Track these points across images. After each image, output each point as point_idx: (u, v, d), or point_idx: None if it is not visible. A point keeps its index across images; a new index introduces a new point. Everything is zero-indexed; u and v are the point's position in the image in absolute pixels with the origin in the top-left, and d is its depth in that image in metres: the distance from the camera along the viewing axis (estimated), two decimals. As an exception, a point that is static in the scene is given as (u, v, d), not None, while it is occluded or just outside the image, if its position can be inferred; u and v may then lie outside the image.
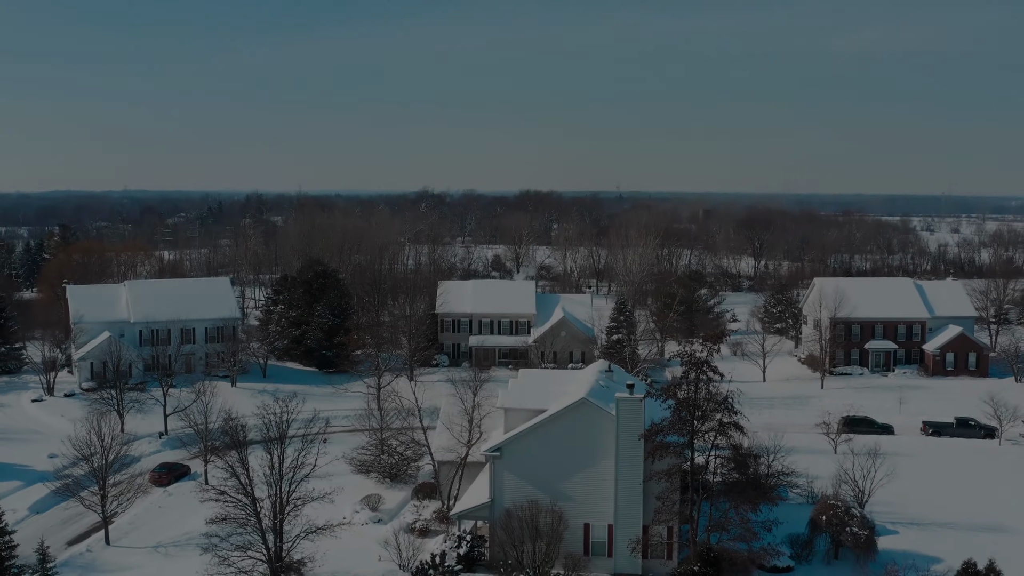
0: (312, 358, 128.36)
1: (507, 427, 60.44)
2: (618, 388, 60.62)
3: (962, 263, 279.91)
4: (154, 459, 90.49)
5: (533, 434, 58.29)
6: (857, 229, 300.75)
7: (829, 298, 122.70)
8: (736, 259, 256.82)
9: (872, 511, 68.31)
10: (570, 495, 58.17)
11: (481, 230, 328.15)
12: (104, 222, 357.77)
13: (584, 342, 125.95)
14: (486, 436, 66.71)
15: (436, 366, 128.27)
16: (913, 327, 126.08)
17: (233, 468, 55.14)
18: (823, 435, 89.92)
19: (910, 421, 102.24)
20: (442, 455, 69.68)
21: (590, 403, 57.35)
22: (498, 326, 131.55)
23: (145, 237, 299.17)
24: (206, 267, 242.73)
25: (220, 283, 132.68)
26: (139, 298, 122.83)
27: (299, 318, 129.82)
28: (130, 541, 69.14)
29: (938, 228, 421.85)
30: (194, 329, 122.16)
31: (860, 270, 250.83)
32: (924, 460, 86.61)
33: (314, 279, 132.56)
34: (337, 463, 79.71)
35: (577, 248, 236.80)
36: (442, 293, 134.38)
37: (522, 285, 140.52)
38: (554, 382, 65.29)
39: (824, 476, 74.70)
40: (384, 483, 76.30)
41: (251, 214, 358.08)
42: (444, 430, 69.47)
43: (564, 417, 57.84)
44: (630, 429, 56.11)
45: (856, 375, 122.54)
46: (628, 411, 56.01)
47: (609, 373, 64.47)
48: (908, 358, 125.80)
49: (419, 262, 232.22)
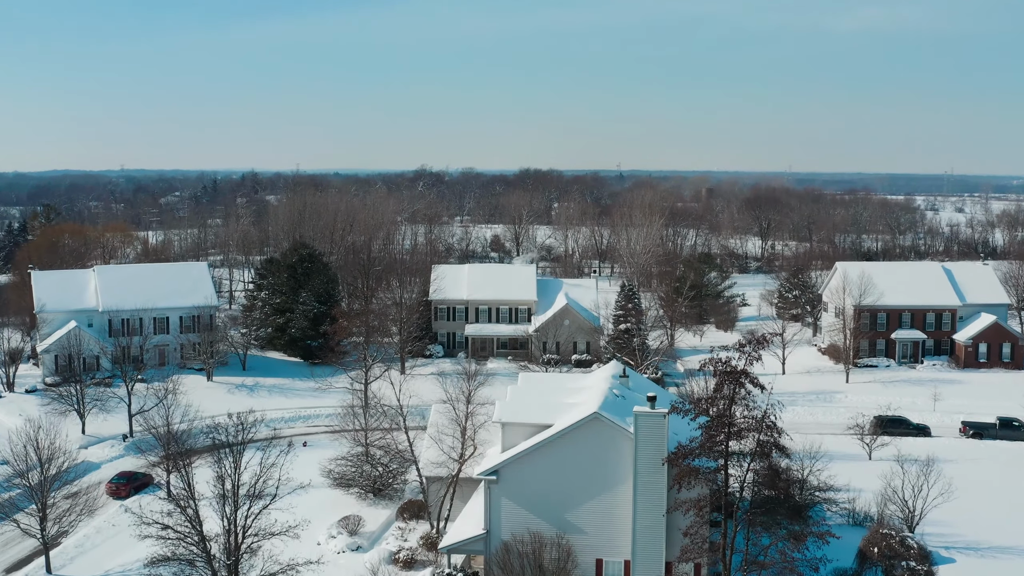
0: (297, 348, 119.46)
1: (505, 444, 51.55)
2: (635, 399, 51.78)
3: (975, 244, 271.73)
4: (116, 465, 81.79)
5: (536, 455, 49.43)
6: (863, 208, 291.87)
7: (854, 284, 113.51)
8: (742, 239, 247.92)
9: (923, 533, 59.71)
10: (580, 526, 49.38)
11: (480, 209, 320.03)
12: (96, 202, 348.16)
13: (589, 332, 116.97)
14: (481, 451, 57.95)
15: (430, 357, 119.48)
16: (943, 315, 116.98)
17: (177, 500, 46.22)
18: (856, 439, 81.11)
19: (946, 420, 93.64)
20: (431, 470, 60.92)
21: (603, 419, 48.47)
22: (496, 314, 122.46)
23: (130, 218, 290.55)
24: (196, 248, 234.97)
25: (196, 268, 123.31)
26: (108, 285, 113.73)
27: (283, 305, 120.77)
28: (75, 569, 60.47)
29: (942, 207, 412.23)
30: (167, 318, 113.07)
31: (871, 251, 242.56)
32: (968, 467, 77.58)
33: (299, 263, 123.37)
34: (313, 471, 70.99)
35: (578, 228, 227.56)
36: (436, 278, 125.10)
37: (522, 270, 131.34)
38: (559, 390, 56.26)
39: (864, 489, 66.19)
40: (366, 499, 67.35)
41: (245, 193, 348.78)
42: (433, 444, 60.60)
43: (573, 435, 48.98)
44: (651, 450, 47.25)
45: (882, 367, 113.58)
46: (649, 429, 47.12)
47: (624, 379, 55.52)
48: (937, 349, 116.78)
49: (415, 242, 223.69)
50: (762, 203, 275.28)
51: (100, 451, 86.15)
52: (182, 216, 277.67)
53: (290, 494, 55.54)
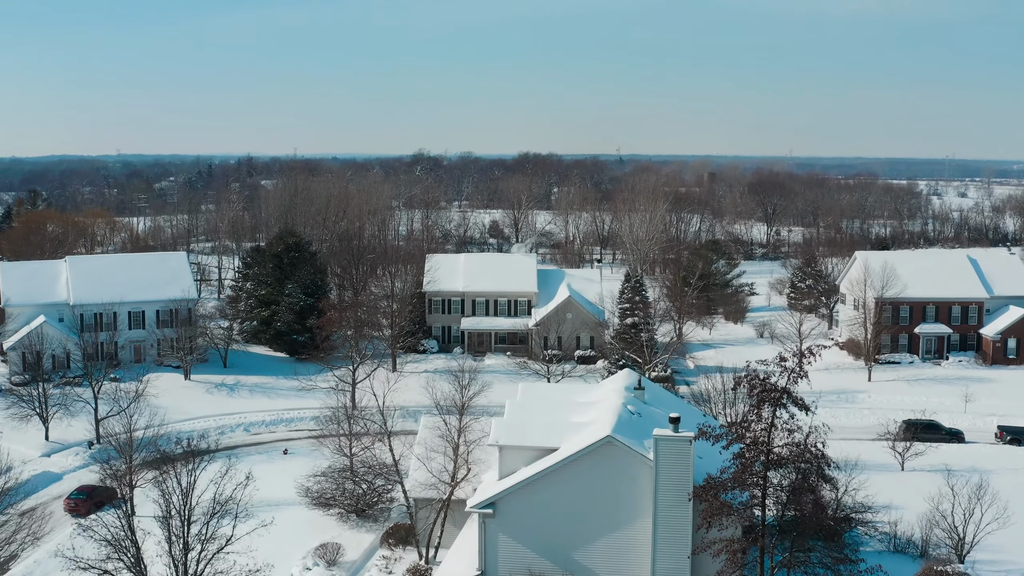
0: (283, 343, 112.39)
1: (503, 470, 44.55)
2: (654, 416, 44.86)
3: (986, 230, 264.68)
4: (78, 477, 74.71)
5: (539, 485, 42.48)
6: (868, 194, 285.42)
7: (876, 275, 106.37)
8: (746, 225, 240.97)
9: (974, 561, 52.93)
10: (590, 568, 42.46)
11: (478, 194, 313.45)
12: (89, 187, 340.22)
13: (593, 326, 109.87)
14: (476, 471, 51.04)
15: (423, 353, 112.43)
16: (969, 308, 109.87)
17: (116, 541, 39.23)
18: (887, 448, 74.19)
19: (979, 424, 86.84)
20: (420, 491, 53.99)
21: (618, 443, 41.51)
22: (494, 307, 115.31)
23: (121, 203, 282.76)
24: (187, 235, 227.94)
25: (174, 258, 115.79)
26: (81, 276, 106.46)
27: (268, 297, 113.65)
28: (20, 602, 53.64)
29: (944, 192, 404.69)
30: (143, 312, 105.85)
31: (880, 237, 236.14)
32: (1010, 479, 70.47)
33: (285, 252, 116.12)
34: (291, 487, 64.08)
35: (579, 213, 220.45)
36: (430, 268, 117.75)
37: (521, 259, 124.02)
38: (565, 405, 49.11)
39: (902, 507, 59.41)
40: (348, 521, 60.24)
41: (240, 178, 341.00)
42: (421, 466, 53.59)
43: (582, 462, 42.01)
44: (674, 481, 40.33)
45: (905, 364, 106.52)
46: (672, 455, 40.17)
47: (639, 391, 48.49)
48: (963, 344, 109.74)
49: (411, 228, 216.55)
50: (766, 188, 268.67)
51: (63, 460, 79.13)
52: (171, 202, 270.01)
53: (254, 531, 48.15)
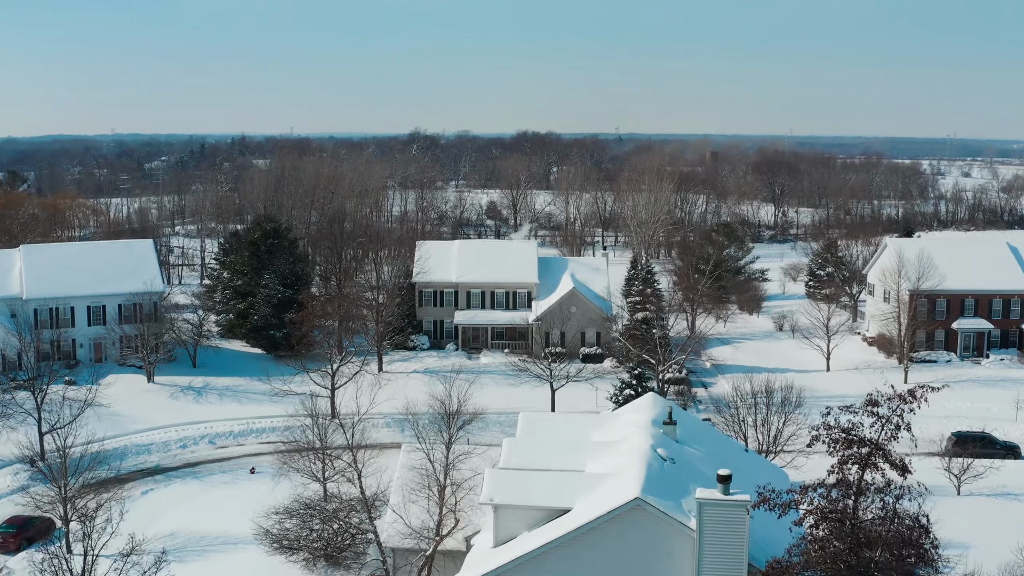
0: (260, 338, 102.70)
1: (499, 534, 34.86)
2: (690, 463, 35.28)
3: (1001, 212, 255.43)
4: (15, 502, 65.08)
5: (546, 560, 32.80)
6: (875, 173, 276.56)
7: (911, 265, 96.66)
8: (753, 206, 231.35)
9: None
10: (611, 665, 32.98)
11: (476, 174, 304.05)
12: (79, 168, 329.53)
13: (599, 321, 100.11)
14: (465, 523, 41.50)
15: (413, 349, 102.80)
16: (1011, 301, 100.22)
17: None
18: (940, 467, 64.70)
19: (1031, 432, 77.59)
20: (398, 540, 44.47)
21: (648, 508, 31.81)
22: (491, 299, 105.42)
23: (104, 185, 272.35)
24: (173, 217, 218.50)
25: (139, 246, 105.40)
26: (36, 267, 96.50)
27: (244, 288, 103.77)
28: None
29: (948, 172, 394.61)
30: (104, 306, 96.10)
31: (892, 219, 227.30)
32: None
33: (262, 239, 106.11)
34: (252, 516, 54.45)
35: (580, 194, 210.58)
36: (421, 257, 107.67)
37: (520, 247, 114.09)
38: (576, 445, 39.21)
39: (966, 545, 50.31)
40: (315, 569, 50.60)
41: (231, 157, 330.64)
42: (399, 511, 43.98)
43: (602, 532, 32.25)
44: (723, 557, 30.71)
45: (942, 363, 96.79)
46: (721, 525, 30.54)
47: (671, 426, 38.77)
48: (1004, 340, 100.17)
49: (404, 210, 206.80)
50: (771, 167, 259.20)
51: (1, 480, 69.70)
52: (156, 183, 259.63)
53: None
